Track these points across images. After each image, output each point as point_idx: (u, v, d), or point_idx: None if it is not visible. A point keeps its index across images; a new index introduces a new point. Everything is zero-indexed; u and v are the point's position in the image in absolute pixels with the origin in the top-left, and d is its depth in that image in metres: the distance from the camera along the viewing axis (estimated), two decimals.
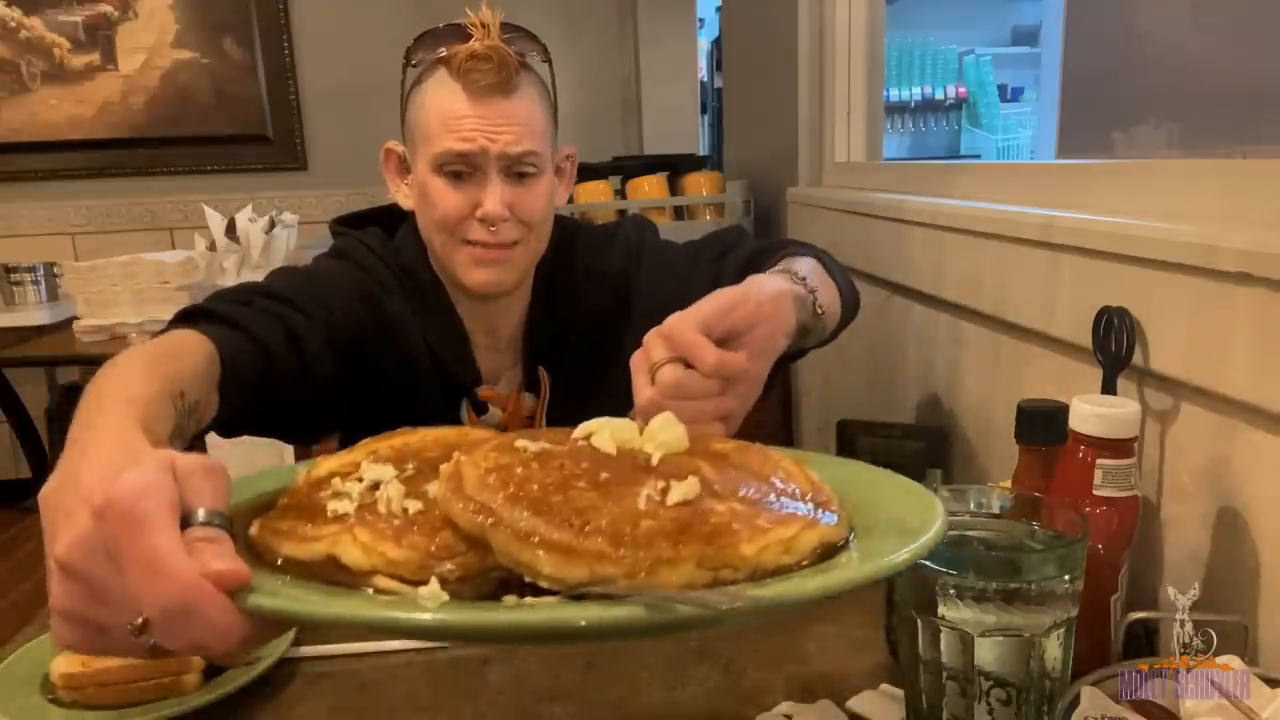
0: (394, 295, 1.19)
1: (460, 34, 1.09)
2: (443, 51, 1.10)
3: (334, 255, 1.23)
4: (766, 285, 0.81)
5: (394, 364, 1.19)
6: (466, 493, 0.50)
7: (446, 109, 1.09)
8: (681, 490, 0.50)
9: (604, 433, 0.57)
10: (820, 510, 0.53)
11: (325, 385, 1.07)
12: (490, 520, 0.48)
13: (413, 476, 0.56)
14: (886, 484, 0.61)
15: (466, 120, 1.08)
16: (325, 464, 0.61)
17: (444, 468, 0.54)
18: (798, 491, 0.55)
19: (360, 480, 0.55)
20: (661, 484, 0.51)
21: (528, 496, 0.49)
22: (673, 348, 0.72)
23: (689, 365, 0.72)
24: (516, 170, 1.11)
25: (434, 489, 0.53)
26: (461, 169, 1.10)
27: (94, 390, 0.69)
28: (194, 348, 0.85)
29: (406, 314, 1.20)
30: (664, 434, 0.58)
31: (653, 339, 0.74)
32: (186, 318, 0.94)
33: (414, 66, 1.14)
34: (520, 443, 0.55)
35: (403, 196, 1.20)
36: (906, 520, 0.53)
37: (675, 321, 0.73)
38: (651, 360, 0.72)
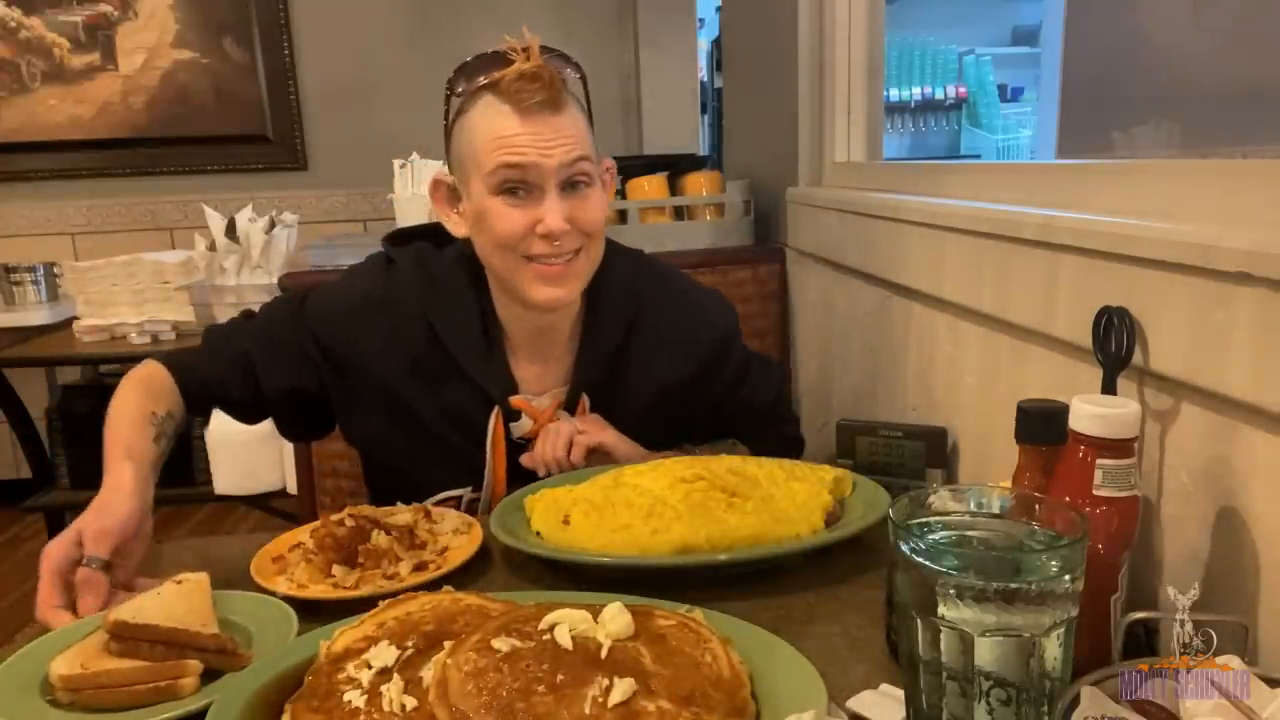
0: (411, 313, 1.24)
1: (501, 61, 1.13)
2: (484, 76, 1.13)
3: (359, 274, 1.31)
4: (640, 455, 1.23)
5: (410, 376, 1.24)
6: (449, 699, 0.65)
7: (498, 129, 1.12)
8: (620, 691, 0.65)
9: (564, 626, 0.71)
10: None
11: (284, 393, 1.26)
12: None
13: (411, 657, 0.72)
14: (784, 660, 0.75)
15: (520, 138, 1.11)
16: (342, 639, 0.76)
17: (434, 671, 0.68)
18: (720, 678, 0.69)
19: (370, 666, 0.71)
20: (606, 682, 0.66)
21: (497, 703, 0.64)
22: (584, 425, 1.23)
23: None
24: (571, 181, 1.14)
25: (428, 675, 0.69)
26: (519, 186, 1.13)
27: (109, 416, 1.18)
28: (160, 374, 1.24)
29: (425, 328, 1.23)
30: (613, 624, 0.72)
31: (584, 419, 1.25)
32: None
33: (457, 96, 1.16)
34: (495, 642, 0.70)
35: (454, 225, 1.23)
36: (800, 698, 0.68)
37: (594, 420, 1.25)
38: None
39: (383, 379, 1.24)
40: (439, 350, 1.23)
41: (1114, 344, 0.78)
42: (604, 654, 0.69)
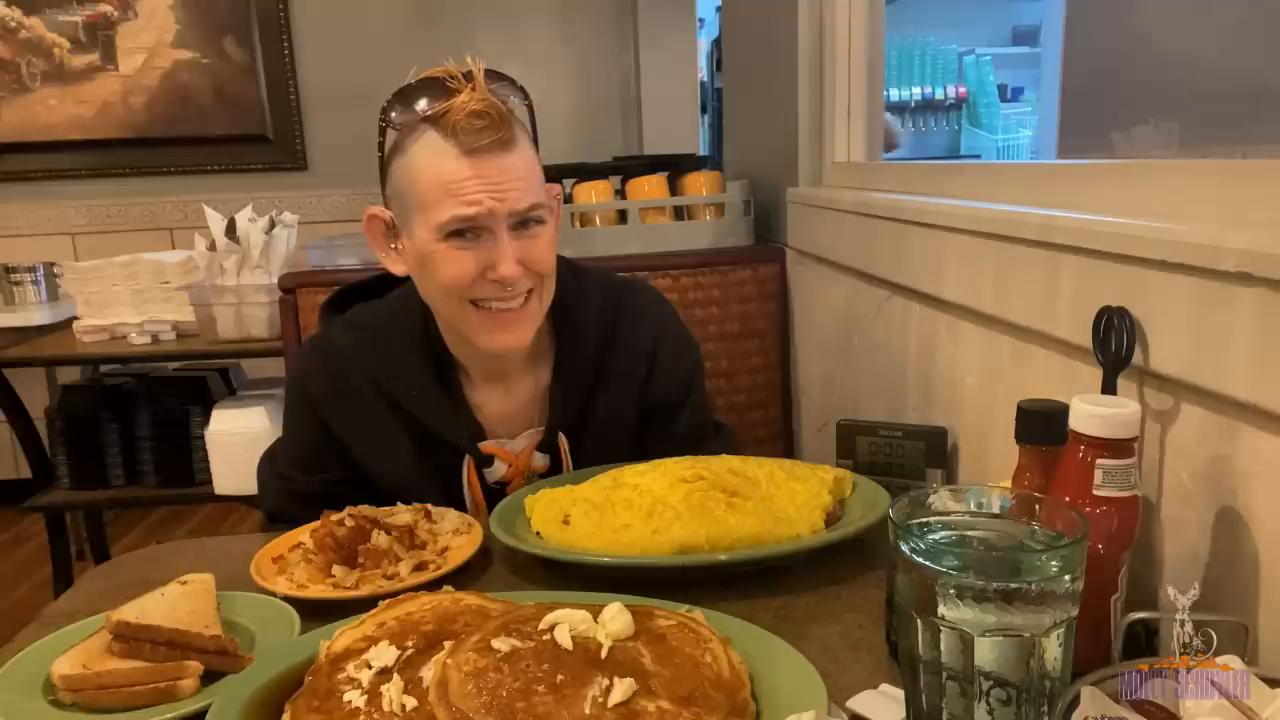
0: (358, 385, 1.20)
1: (441, 89, 1.05)
2: (424, 108, 1.05)
3: (294, 379, 1.28)
4: None
5: (381, 443, 1.21)
6: (450, 700, 0.65)
7: (445, 173, 1.05)
8: (620, 691, 0.65)
9: (564, 626, 0.71)
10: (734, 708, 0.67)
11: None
12: None
13: (411, 657, 0.72)
14: (785, 660, 0.75)
15: (469, 183, 1.04)
16: (342, 639, 0.76)
17: (434, 672, 0.68)
18: (720, 678, 0.69)
19: (370, 666, 0.71)
20: (606, 682, 0.66)
21: (497, 703, 0.64)
22: None
23: None
24: (523, 220, 1.09)
25: (428, 675, 0.69)
26: (468, 229, 1.07)
27: None
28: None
29: (377, 392, 1.20)
30: (613, 624, 0.72)
31: None
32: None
33: (394, 129, 1.08)
34: (495, 642, 0.70)
35: (392, 262, 1.16)
36: (800, 698, 0.68)
37: None
38: None
39: (358, 454, 1.22)
40: (399, 411, 1.19)
41: (1114, 344, 0.78)
42: (604, 654, 0.69)
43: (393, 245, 1.16)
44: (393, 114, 1.08)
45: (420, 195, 1.07)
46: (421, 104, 1.06)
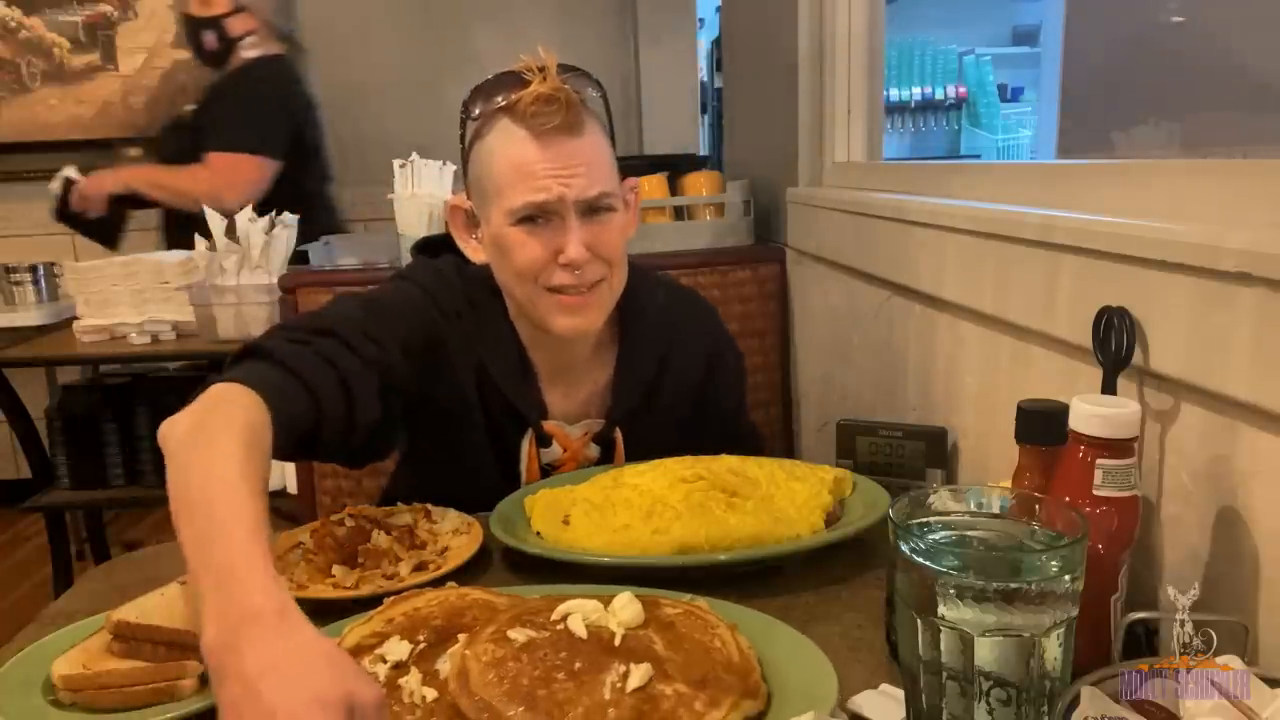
0: (458, 323, 1.20)
1: (517, 81, 1.09)
2: (501, 100, 1.09)
3: (405, 277, 1.23)
4: None
5: (456, 389, 1.20)
6: (471, 689, 0.66)
7: (517, 158, 1.08)
8: (637, 676, 0.67)
9: (576, 616, 0.73)
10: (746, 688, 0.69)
11: (374, 424, 1.07)
12: (489, 716, 0.64)
13: (424, 651, 0.72)
14: (791, 645, 0.77)
15: (539, 167, 1.07)
16: (351, 636, 0.76)
17: (452, 663, 0.69)
18: (730, 662, 0.70)
19: (385, 660, 0.71)
20: (623, 668, 0.67)
21: (519, 692, 0.65)
22: None
23: None
24: (592, 207, 1.11)
25: (444, 668, 0.69)
26: (538, 214, 1.09)
27: (198, 491, 0.76)
28: (260, 424, 0.89)
29: (471, 344, 1.20)
30: (624, 613, 0.74)
31: None
32: (249, 354, 1.00)
33: (473, 120, 1.13)
34: (511, 633, 0.71)
35: (473, 251, 1.19)
36: (810, 686, 0.70)
37: None
38: None
39: (453, 386, 1.19)
40: (484, 370, 1.21)
41: (1114, 344, 0.78)
42: (617, 641, 0.70)
43: (474, 235, 1.19)
44: (474, 108, 1.13)
45: (495, 180, 1.11)
46: (498, 94, 1.10)
